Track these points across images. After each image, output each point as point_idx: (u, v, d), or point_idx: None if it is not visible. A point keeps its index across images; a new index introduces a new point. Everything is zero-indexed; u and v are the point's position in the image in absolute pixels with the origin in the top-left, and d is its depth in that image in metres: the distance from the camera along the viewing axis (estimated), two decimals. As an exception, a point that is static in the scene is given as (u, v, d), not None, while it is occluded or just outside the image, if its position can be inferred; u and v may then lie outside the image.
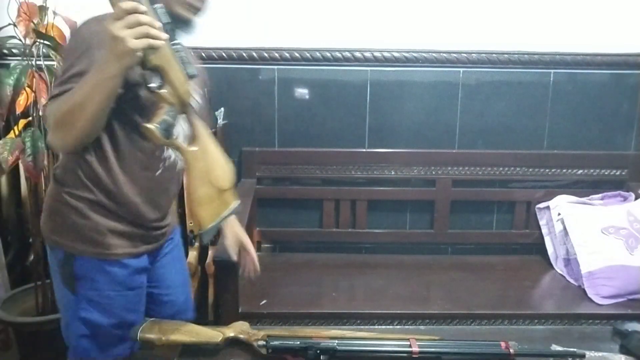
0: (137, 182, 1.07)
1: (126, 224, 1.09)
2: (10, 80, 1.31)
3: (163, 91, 0.93)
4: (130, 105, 1.01)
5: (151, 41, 0.87)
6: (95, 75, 0.92)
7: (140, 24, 0.86)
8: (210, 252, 1.88)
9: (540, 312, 1.61)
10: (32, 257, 1.66)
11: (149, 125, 0.91)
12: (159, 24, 0.89)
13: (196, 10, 1.07)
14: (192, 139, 1.00)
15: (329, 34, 1.87)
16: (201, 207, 0.99)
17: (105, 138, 1.03)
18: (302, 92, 1.93)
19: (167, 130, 0.93)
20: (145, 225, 1.12)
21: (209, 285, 1.89)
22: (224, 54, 1.88)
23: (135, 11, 0.86)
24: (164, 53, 0.91)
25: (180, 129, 1.05)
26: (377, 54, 1.89)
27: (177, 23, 1.05)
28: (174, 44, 0.95)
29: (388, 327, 1.54)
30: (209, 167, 0.99)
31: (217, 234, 1.28)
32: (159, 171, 1.10)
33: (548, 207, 1.93)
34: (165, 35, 0.90)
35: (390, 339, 1.02)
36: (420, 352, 0.96)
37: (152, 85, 0.93)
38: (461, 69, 1.92)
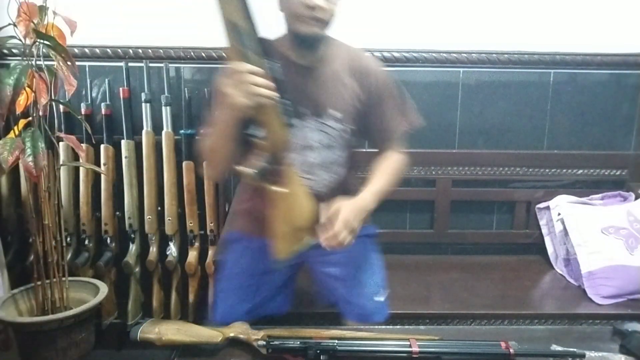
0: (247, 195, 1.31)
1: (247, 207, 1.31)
2: (10, 80, 1.30)
3: (261, 142, 1.02)
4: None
5: (257, 100, 0.95)
6: (216, 121, 1.07)
7: (249, 84, 0.93)
8: (210, 252, 1.88)
9: (540, 312, 1.61)
10: (32, 257, 1.66)
11: (244, 170, 1.04)
12: (269, 84, 0.96)
13: (316, 20, 1.09)
14: (283, 180, 1.09)
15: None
16: (277, 241, 1.11)
17: None
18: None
19: (262, 174, 1.04)
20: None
21: (209, 285, 1.89)
22: (224, 54, 1.87)
23: (247, 72, 0.94)
24: (269, 109, 0.98)
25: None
26: (377, 54, 1.88)
27: (306, 42, 1.13)
28: (281, 98, 1.01)
29: (388, 327, 1.54)
30: (290, 207, 1.09)
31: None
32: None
33: (548, 207, 1.93)
34: (272, 95, 0.96)
35: (390, 339, 1.02)
36: (420, 352, 0.96)
37: (252, 132, 1.02)
38: (461, 69, 1.92)
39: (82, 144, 1.70)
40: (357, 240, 1.29)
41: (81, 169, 1.83)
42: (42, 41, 1.38)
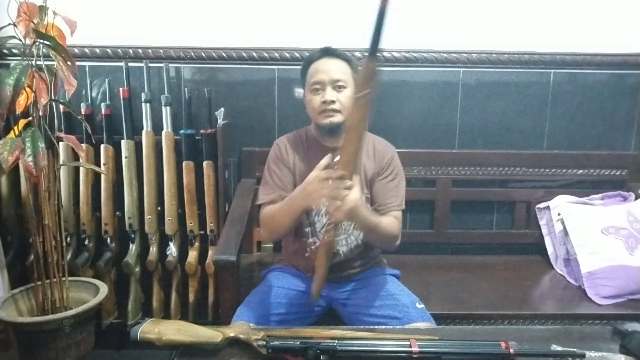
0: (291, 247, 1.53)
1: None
2: (10, 80, 1.30)
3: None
4: None
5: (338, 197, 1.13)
6: (288, 203, 1.29)
7: (346, 192, 1.12)
8: (210, 252, 1.88)
9: (540, 312, 1.61)
10: (32, 257, 1.66)
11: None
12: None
13: (333, 111, 1.35)
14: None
15: (328, 34, 1.87)
16: (318, 279, 1.25)
17: None
18: (302, 92, 1.90)
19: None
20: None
21: (209, 285, 1.89)
22: (224, 54, 1.88)
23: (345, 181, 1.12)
24: None
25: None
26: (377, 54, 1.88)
27: (328, 132, 1.40)
28: None
29: (388, 327, 1.54)
30: (328, 253, 1.24)
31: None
32: (307, 253, 1.47)
33: (548, 207, 1.93)
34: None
35: (390, 339, 1.02)
36: (420, 352, 0.96)
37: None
38: (461, 69, 1.92)
39: (82, 144, 1.70)
40: (381, 277, 1.51)
41: (81, 169, 1.83)
42: (42, 41, 1.38)
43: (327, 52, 1.42)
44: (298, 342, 0.97)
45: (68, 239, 1.82)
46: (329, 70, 1.38)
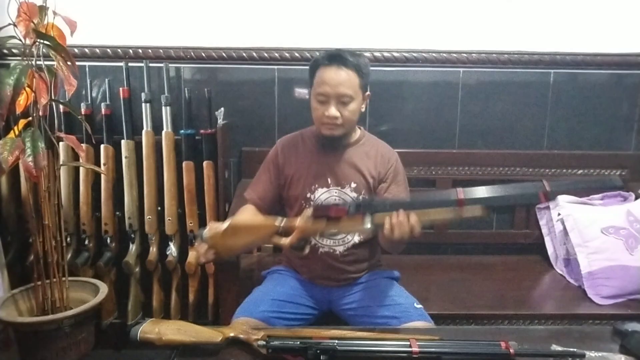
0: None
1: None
2: (10, 80, 1.30)
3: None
4: None
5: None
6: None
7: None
8: (210, 252, 1.88)
9: (540, 312, 1.61)
10: (32, 257, 1.66)
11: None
12: None
13: (335, 125, 1.35)
14: None
15: (329, 33, 1.87)
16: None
17: None
18: (302, 92, 1.93)
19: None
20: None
21: (209, 285, 1.89)
22: (224, 54, 1.88)
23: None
24: None
25: None
26: (377, 54, 1.89)
27: (327, 141, 1.41)
28: None
29: (388, 327, 1.54)
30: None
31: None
32: (306, 251, 1.39)
33: (548, 207, 1.93)
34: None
35: (390, 339, 1.02)
36: (420, 352, 0.96)
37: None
38: (461, 69, 1.92)
39: (82, 144, 1.70)
40: (380, 281, 1.50)
41: (81, 169, 1.83)
42: (42, 41, 1.38)
43: (337, 59, 1.33)
44: (298, 342, 0.98)
45: (68, 239, 1.82)
46: (336, 84, 1.31)
